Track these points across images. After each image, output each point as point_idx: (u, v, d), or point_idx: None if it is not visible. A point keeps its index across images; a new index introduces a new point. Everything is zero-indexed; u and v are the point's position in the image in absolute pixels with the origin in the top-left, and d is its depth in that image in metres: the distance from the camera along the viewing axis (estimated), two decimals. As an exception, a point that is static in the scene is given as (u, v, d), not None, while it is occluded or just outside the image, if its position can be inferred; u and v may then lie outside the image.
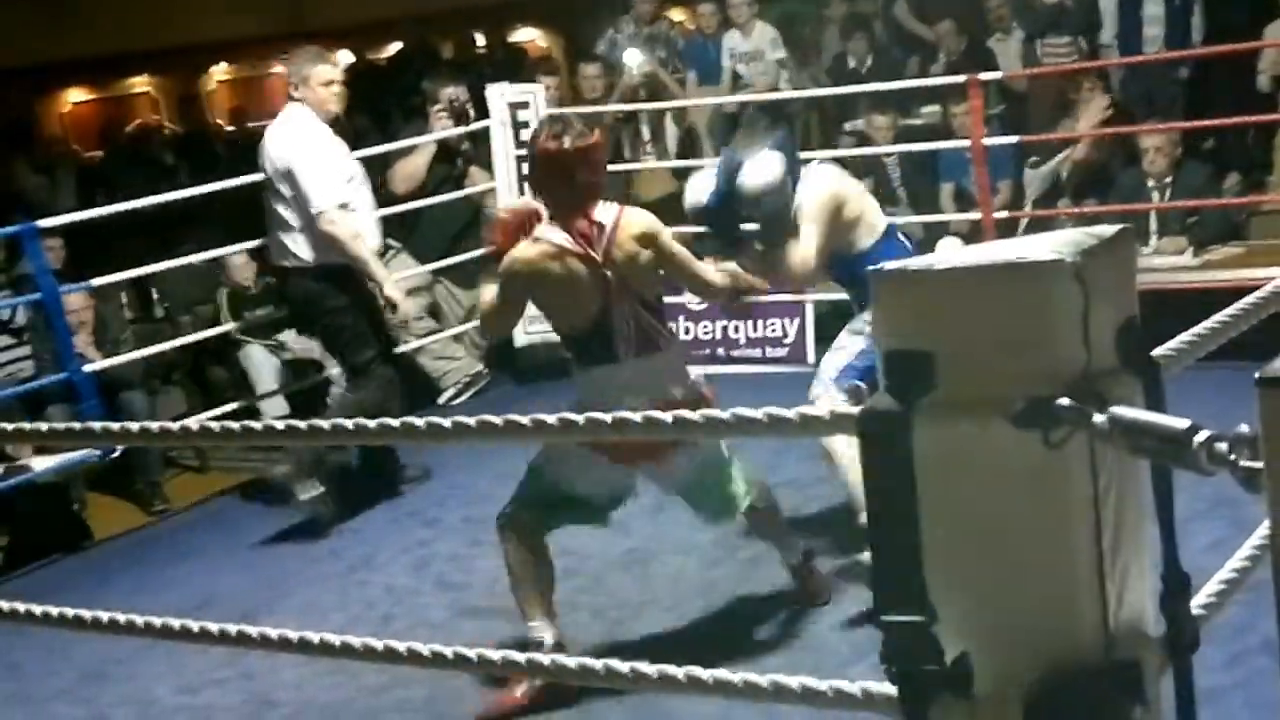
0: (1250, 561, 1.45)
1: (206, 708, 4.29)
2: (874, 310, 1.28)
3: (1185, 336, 1.35)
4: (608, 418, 1.53)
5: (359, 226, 5.75)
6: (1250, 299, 1.45)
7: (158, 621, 2.02)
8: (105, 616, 2.07)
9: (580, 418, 1.57)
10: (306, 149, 5.66)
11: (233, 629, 1.99)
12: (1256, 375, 0.92)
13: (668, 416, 1.49)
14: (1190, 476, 1.07)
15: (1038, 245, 1.22)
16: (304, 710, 4.11)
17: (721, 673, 1.59)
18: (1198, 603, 1.40)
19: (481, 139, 7.28)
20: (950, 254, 1.26)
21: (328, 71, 5.88)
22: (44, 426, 2.43)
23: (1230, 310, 1.41)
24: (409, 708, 3.98)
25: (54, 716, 4.47)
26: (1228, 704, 2.81)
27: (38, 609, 2.09)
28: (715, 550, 4.77)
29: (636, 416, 1.51)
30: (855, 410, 1.30)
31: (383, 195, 6.72)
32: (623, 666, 1.67)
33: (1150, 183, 6.66)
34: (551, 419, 1.59)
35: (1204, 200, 6.59)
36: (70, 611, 2.11)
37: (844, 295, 4.74)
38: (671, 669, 1.63)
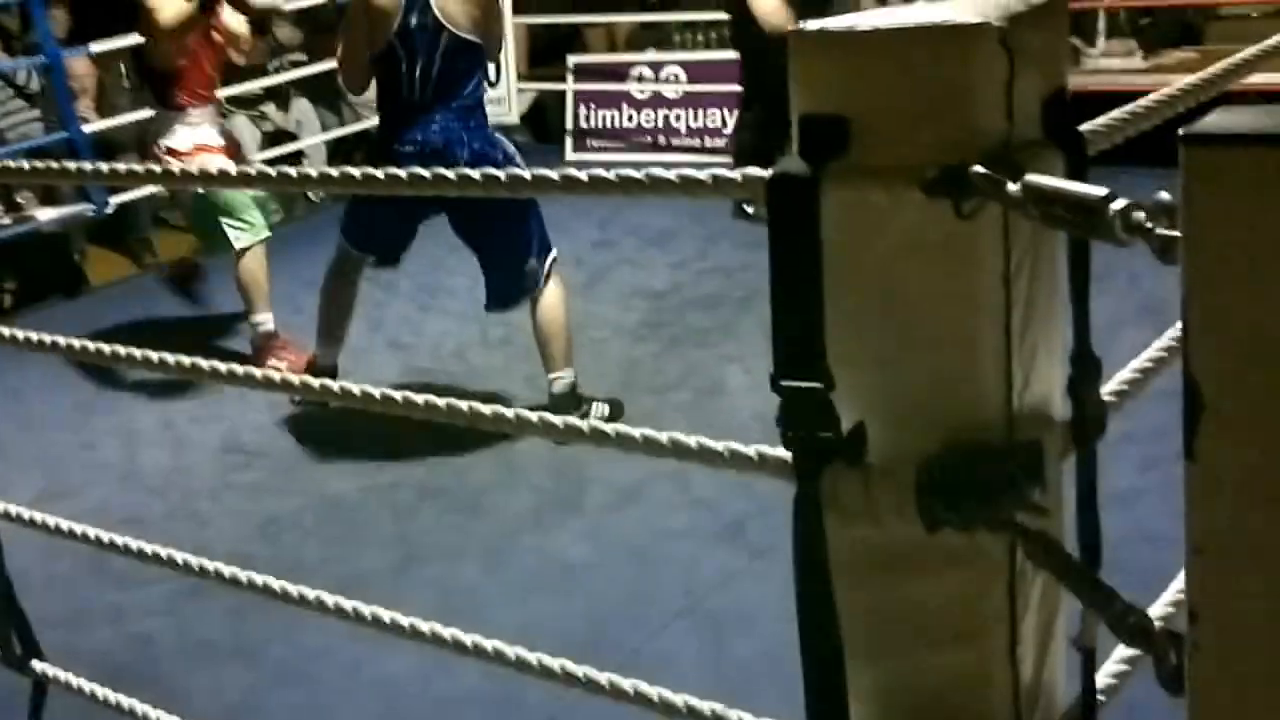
0: (1167, 353, 1.28)
1: (181, 441, 4.20)
2: (790, 71, 1.08)
3: (1115, 113, 1.15)
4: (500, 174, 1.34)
5: None
6: (1190, 79, 1.24)
7: (149, 354, 1.87)
8: (101, 347, 1.93)
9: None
10: None
11: (209, 364, 1.80)
12: (1180, 131, 0.74)
13: (580, 176, 1.30)
14: (1119, 282, 0.90)
15: (962, 8, 1.02)
16: (266, 449, 4.02)
17: (624, 428, 1.44)
18: (1109, 389, 1.23)
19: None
20: (875, 14, 1.07)
21: None
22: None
23: (1166, 91, 1.21)
24: (357, 452, 3.91)
25: (50, 441, 4.37)
26: (1141, 506, 2.60)
27: (44, 337, 1.96)
28: (641, 329, 4.64)
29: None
30: (766, 173, 1.11)
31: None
32: (535, 417, 1.53)
33: (1100, -17, 5.97)
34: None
35: (1153, 1, 5.94)
36: (62, 340, 1.96)
37: None
38: (577, 422, 1.48)
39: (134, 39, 6.55)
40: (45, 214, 5.96)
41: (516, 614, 2.99)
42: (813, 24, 1.07)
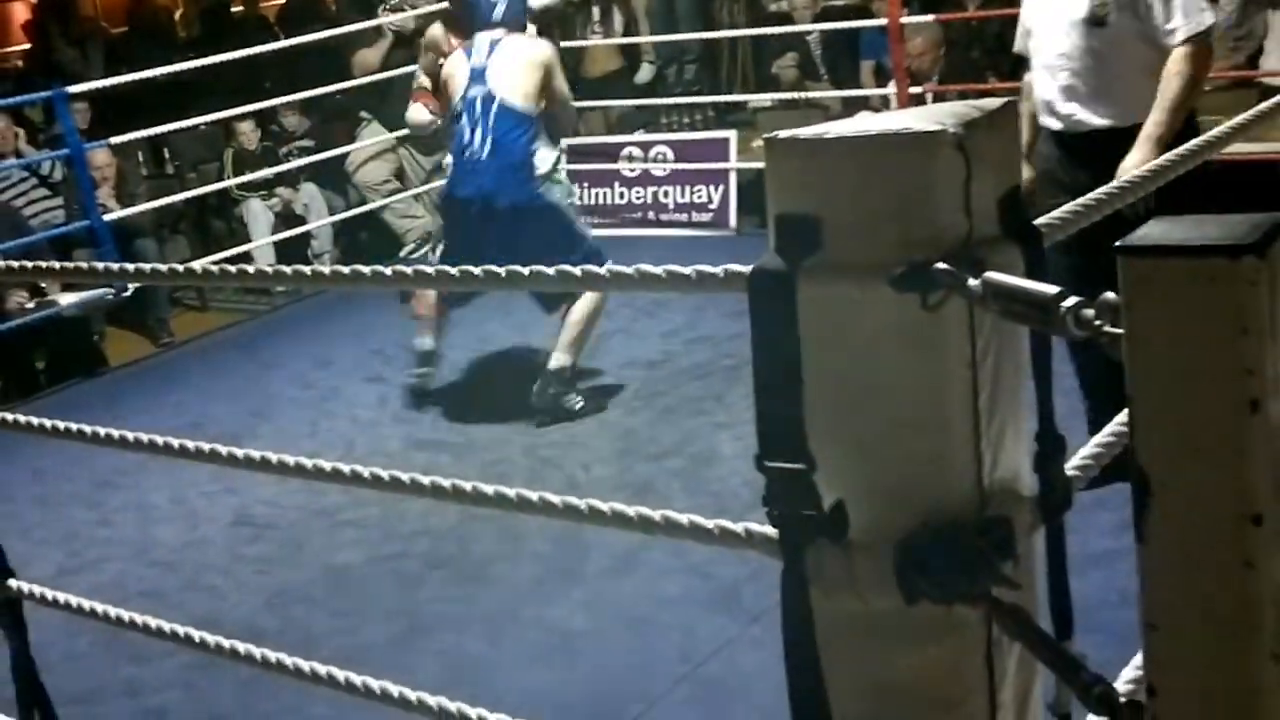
0: (1127, 427, 1.32)
1: (194, 515, 4.21)
2: (766, 174, 1.13)
3: (1069, 206, 1.19)
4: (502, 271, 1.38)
5: None
6: (1140, 170, 1.28)
7: (159, 440, 1.92)
8: (115, 433, 1.98)
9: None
10: None
11: (221, 449, 1.86)
12: (1117, 244, 0.78)
13: (574, 271, 1.34)
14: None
15: (921, 116, 1.07)
16: (276, 522, 4.02)
17: (620, 506, 1.47)
18: (1073, 464, 1.27)
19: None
20: (842, 123, 1.11)
21: None
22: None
23: (1116, 183, 1.25)
24: (364, 524, 3.90)
25: (69, 518, 4.37)
26: (1116, 567, 2.59)
27: (60, 424, 2.01)
28: (635, 400, 4.66)
29: (549, 271, 1.36)
30: (747, 270, 1.15)
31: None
32: (535, 496, 1.55)
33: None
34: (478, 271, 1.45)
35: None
36: (87, 428, 2.01)
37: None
38: (575, 501, 1.51)
39: (151, 130, 6.74)
40: (66, 298, 6.00)
41: (520, 684, 2.98)
42: (784, 132, 1.11)
